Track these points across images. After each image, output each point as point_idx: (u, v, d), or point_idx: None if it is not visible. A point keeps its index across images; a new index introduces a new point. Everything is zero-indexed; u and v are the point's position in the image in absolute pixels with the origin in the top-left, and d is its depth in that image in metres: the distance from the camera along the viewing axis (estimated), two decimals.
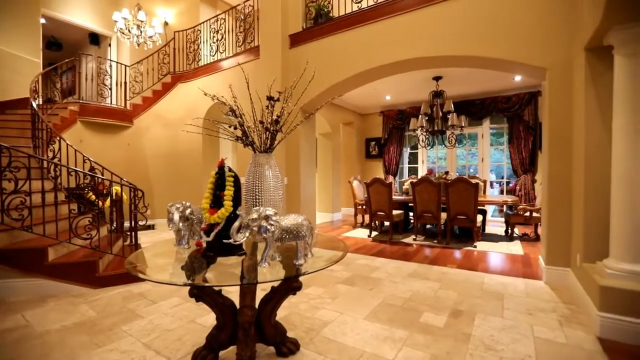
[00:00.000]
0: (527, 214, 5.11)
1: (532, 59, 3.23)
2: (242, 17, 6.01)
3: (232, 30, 6.24)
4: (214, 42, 6.44)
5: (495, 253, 4.38)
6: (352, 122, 8.67)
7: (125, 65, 6.90)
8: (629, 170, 2.13)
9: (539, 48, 3.19)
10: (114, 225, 4.26)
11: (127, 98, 6.77)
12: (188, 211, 1.77)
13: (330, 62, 4.60)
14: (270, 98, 1.78)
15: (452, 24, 3.63)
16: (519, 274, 3.46)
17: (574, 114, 2.99)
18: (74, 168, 3.37)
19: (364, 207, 6.37)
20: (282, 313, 2.44)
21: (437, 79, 6.08)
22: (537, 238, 5.15)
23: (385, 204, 5.28)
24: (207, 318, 2.38)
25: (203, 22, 6.78)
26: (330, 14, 4.87)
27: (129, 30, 5.95)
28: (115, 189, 4.24)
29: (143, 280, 2.19)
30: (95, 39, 7.61)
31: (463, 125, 5.80)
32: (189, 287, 1.71)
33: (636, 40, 2.12)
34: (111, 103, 6.68)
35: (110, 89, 6.76)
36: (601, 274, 2.24)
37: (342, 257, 1.65)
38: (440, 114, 5.90)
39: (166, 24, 7.67)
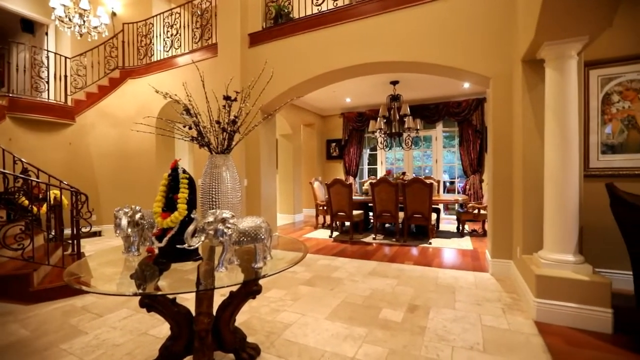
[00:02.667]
0: (476, 211, 5.51)
1: (478, 68, 3.49)
2: (199, 13, 5.78)
3: (188, 26, 5.97)
4: (168, 37, 6.11)
5: (448, 249, 4.66)
6: (313, 123, 8.72)
7: (66, 57, 6.29)
8: (558, 172, 2.38)
9: (484, 58, 3.45)
10: (52, 234, 3.86)
11: (68, 93, 6.18)
12: (138, 216, 1.65)
13: (290, 63, 4.58)
14: (227, 98, 1.72)
15: (408, 32, 3.81)
16: (469, 267, 3.71)
17: (513, 120, 3.28)
18: (1, 170, 3.00)
19: (325, 208, 6.44)
20: (242, 318, 2.38)
21: (394, 83, 6.33)
22: (484, 233, 5.57)
23: (345, 205, 5.38)
24: (161, 329, 2.25)
25: (156, 15, 6.41)
26: (291, 15, 4.86)
27: (70, 19, 5.43)
28: (54, 192, 3.84)
29: (87, 292, 2.01)
30: (29, 26, 6.84)
31: (418, 128, 6.10)
32: (139, 297, 1.60)
33: (563, 56, 2.38)
34: (48, 98, 6.04)
35: (48, 82, 6.11)
36: (537, 264, 2.48)
37: (301, 259, 1.64)
38: (398, 117, 6.15)
39: (114, 14, 7.13)
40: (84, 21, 5.56)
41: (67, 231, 3.97)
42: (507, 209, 3.34)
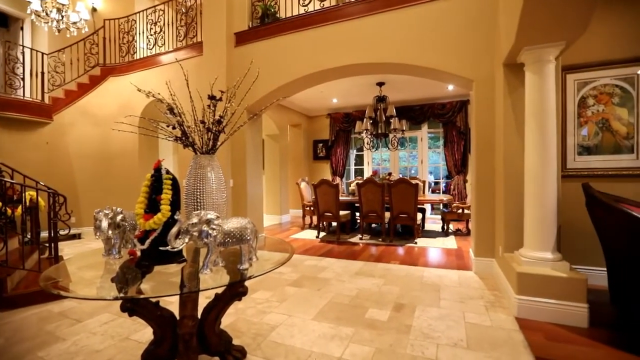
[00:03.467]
0: (460, 211, 5.62)
1: (461, 71, 3.56)
2: (184, 11, 5.68)
3: (173, 24, 5.86)
4: (151, 35, 5.98)
5: (433, 248, 4.74)
6: (299, 123, 8.71)
7: (43, 53, 6.06)
8: (537, 172, 2.46)
9: (467, 61, 3.53)
10: (28, 236, 3.71)
11: (46, 91, 5.95)
12: (119, 217, 1.61)
13: (276, 63, 4.56)
14: (212, 97, 1.70)
15: (394, 34, 3.85)
16: (453, 266, 3.79)
17: (495, 122, 3.37)
18: None
19: (312, 208, 6.43)
20: (228, 320, 2.35)
21: (380, 84, 6.39)
22: (468, 233, 5.69)
23: (332, 205, 5.39)
24: (144, 333, 2.19)
25: (139, 12, 6.26)
26: (277, 15, 4.84)
27: (47, 14, 5.24)
28: (30, 194, 3.70)
29: (65, 297, 1.94)
30: (2, 19, 6.56)
31: (404, 129, 6.18)
32: (120, 301, 1.56)
33: (541, 60, 2.46)
34: (24, 95, 5.81)
35: (23, 79, 5.88)
36: (518, 262, 2.56)
37: (287, 260, 1.64)
38: (384, 118, 6.21)
39: (94, 10, 6.93)
40: (62, 16, 5.37)
41: (45, 234, 3.82)
42: (490, 208, 3.42)
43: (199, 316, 1.69)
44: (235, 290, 1.68)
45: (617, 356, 1.87)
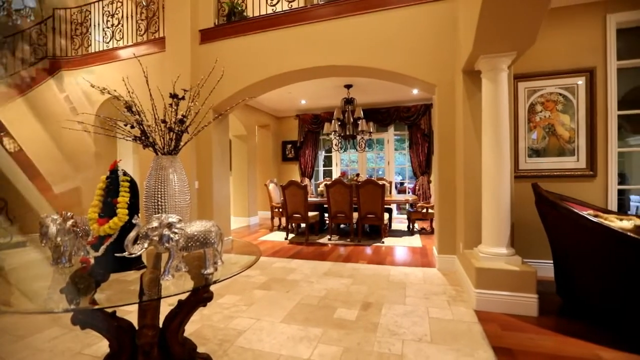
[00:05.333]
0: (424, 210, 5.85)
1: (425, 76, 3.71)
2: (144, 4, 5.40)
3: (133, 17, 5.55)
4: (108, 28, 5.62)
5: (400, 247, 4.89)
6: (268, 124, 8.61)
7: None
8: (493, 173, 2.62)
9: (431, 67, 3.69)
10: None
11: None
12: (70, 222, 1.49)
13: (243, 62, 4.48)
14: (174, 96, 1.63)
15: (361, 38, 3.93)
16: (418, 264, 3.93)
17: (456, 125, 3.55)
18: None
19: (281, 210, 6.38)
20: (193, 327, 2.26)
21: (348, 86, 6.49)
22: (432, 231, 5.94)
23: (301, 206, 5.38)
24: (100, 346, 2.05)
25: (93, 2, 5.86)
26: (245, 14, 4.75)
27: None
28: None
29: (5, 312, 1.76)
30: None
31: (372, 131, 6.32)
32: (71, 314, 1.44)
33: (496, 68, 2.64)
34: None
35: None
36: (476, 258, 2.71)
37: (254, 262, 1.61)
38: (352, 120, 6.32)
39: None
40: (4, 2, 4.89)
41: None
42: (451, 207, 3.59)
43: (161, 325, 1.61)
44: (200, 296, 1.62)
45: (563, 341, 2.05)
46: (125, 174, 1.52)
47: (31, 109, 5.55)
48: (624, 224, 2.09)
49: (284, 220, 6.76)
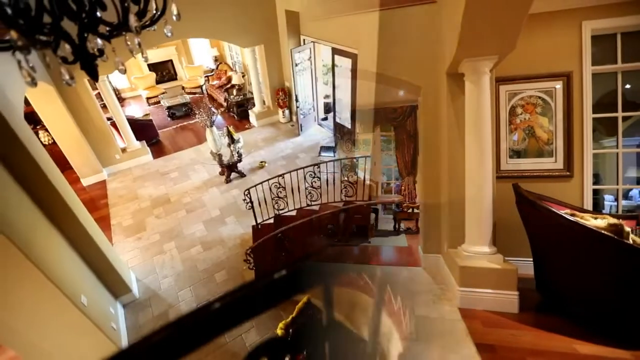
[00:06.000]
0: (410, 210, 5.94)
1: (412, 77, 3.77)
2: None
3: None
4: None
5: (386, 246, 4.95)
6: None
7: None
8: (476, 174, 2.70)
9: (416, 68, 3.74)
10: None
11: None
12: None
13: None
14: None
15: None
16: (404, 263, 3.99)
17: (440, 126, 3.62)
18: None
19: None
20: None
21: None
22: (418, 231, 6.01)
23: None
24: None
25: None
26: None
27: None
28: None
29: None
30: None
31: (359, 131, 6.37)
32: None
33: (479, 71, 2.71)
34: None
35: None
36: (460, 256, 2.78)
37: None
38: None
39: None
40: None
41: None
42: (436, 207, 3.65)
43: None
44: None
45: (541, 336, 2.12)
46: None
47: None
48: (599, 222, 2.19)
49: None
